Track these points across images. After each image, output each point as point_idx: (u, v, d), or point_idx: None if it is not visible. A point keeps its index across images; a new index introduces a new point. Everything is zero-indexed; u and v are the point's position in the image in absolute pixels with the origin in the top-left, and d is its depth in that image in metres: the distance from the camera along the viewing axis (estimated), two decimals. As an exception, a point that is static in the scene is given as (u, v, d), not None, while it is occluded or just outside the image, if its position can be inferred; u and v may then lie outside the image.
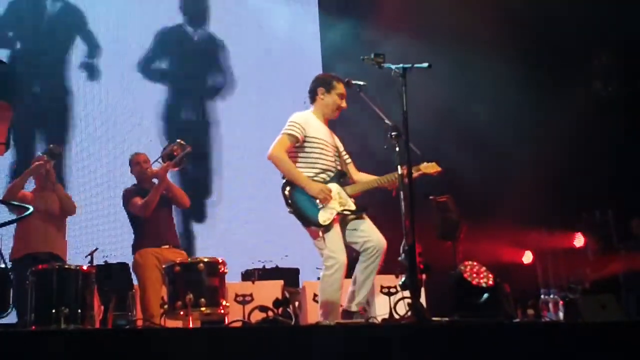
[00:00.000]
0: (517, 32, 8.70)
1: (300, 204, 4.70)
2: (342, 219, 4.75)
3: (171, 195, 5.95)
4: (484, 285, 5.20)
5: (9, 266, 5.55)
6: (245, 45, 9.32)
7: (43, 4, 8.35)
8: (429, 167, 4.88)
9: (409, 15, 8.83)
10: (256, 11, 9.34)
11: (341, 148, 5.04)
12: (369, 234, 4.70)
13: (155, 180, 5.85)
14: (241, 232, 8.51)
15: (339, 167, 4.87)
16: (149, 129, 8.53)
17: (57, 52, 8.31)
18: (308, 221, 4.70)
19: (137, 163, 6.00)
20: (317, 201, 4.67)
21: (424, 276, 4.10)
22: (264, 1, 9.36)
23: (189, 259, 5.28)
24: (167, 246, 5.75)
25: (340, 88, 4.89)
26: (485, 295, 5.08)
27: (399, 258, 3.94)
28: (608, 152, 8.56)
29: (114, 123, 8.40)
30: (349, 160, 5.04)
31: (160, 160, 5.83)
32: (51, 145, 6.00)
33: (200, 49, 9.19)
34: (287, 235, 8.07)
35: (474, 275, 5.26)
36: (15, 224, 5.94)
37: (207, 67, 9.21)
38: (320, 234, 4.66)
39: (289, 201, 4.74)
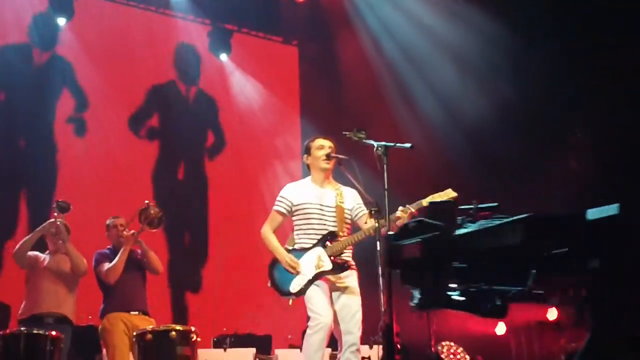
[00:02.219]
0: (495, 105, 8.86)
1: (276, 278, 4.87)
2: (334, 289, 4.76)
3: (145, 260, 5.87)
4: (460, 365, 5.17)
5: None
6: (233, 108, 9.38)
7: (31, 55, 8.27)
8: (439, 196, 4.81)
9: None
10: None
11: (354, 203, 4.98)
12: (349, 326, 4.70)
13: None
14: (213, 297, 8.40)
15: (331, 227, 4.85)
16: (138, 188, 8.42)
17: (44, 104, 8.20)
18: (282, 292, 4.84)
19: (114, 226, 5.94)
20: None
21: (399, 357, 4.03)
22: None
23: (161, 327, 5.19)
24: (135, 312, 5.66)
25: (316, 143, 4.96)
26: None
27: (376, 337, 3.89)
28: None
29: (100, 180, 8.24)
30: (361, 214, 4.97)
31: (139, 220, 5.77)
32: (59, 201, 5.87)
33: (192, 107, 9.19)
34: (260, 302, 8.05)
35: (451, 356, 5.23)
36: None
37: (198, 125, 9.19)
38: (304, 298, 4.72)
39: (269, 275, 4.91)
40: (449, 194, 4.82)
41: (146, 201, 5.84)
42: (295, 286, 4.75)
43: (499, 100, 8.60)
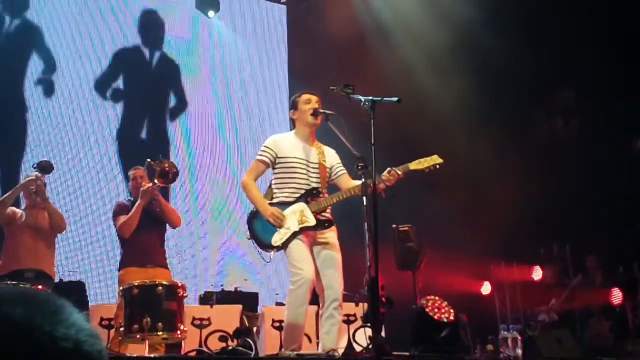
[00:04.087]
0: (477, 63, 8.85)
1: (257, 230, 4.80)
2: (315, 244, 4.75)
3: (162, 214, 5.85)
4: (445, 320, 5.21)
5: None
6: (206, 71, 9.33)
7: (2, 20, 8.26)
8: (426, 162, 4.80)
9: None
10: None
11: (334, 162, 4.98)
12: (331, 282, 4.70)
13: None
14: (199, 254, 8.43)
15: (314, 184, 4.84)
16: (103, 148, 8.43)
17: (13, 67, 8.21)
18: (263, 245, 4.79)
19: (133, 178, 5.91)
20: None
21: (385, 310, 4.07)
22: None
23: (147, 282, 5.18)
24: (152, 266, 5.64)
25: (303, 97, 4.90)
26: (446, 331, 5.09)
27: (361, 291, 3.91)
28: (568, 187, 8.72)
29: (67, 142, 8.28)
30: (341, 173, 4.97)
31: (148, 175, 5.72)
32: (42, 160, 5.83)
33: (156, 71, 9.17)
34: (247, 259, 8.10)
35: (436, 310, 5.26)
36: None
37: (162, 88, 9.20)
38: (285, 252, 4.70)
39: (248, 228, 4.86)
40: (435, 160, 4.82)
41: (160, 155, 5.80)
42: (277, 239, 4.70)
43: (485, 57, 8.59)
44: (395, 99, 4.40)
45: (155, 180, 5.61)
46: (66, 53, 8.48)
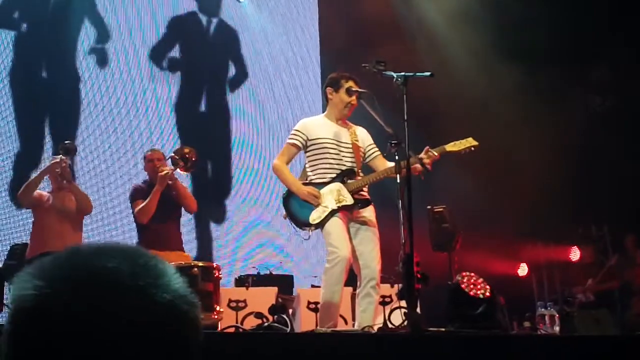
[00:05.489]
0: (516, 39, 8.72)
1: (293, 209, 4.85)
2: (353, 223, 4.76)
3: (178, 198, 5.87)
4: (480, 296, 5.17)
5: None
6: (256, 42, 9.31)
7: None
8: (462, 144, 4.81)
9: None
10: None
11: (367, 142, 5.00)
12: (368, 261, 4.70)
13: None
14: (237, 236, 8.47)
15: (349, 164, 4.84)
16: (160, 120, 8.41)
17: (65, 36, 8.14)
18: (300, 223, 4.84)
19: (150, 160, 5.91)
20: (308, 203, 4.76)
21: (420, 286, 4.05)
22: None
23: (183, 263, 5.23)
24: (169, 250, 5.66)
25: (348, 84, 4.89)
26: (482, 307, 5.05)
27: (397, 267, 3.90)
28: (606, 165, 8.57)
29: (123, 113, 8.25)
30: (375, 154, 4.99)
31: (171, 160, 5.75)
32: (66, 142, 5.88)
33: (214, 39, 9.08)
34: (283, 241, 8.12)
35: (471, 286, 5.23)
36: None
37: (221, 57, 9.09)
38: (322, 231, 4.74)
39: (284, 207, 4.91)
40: (470, 142, 4.82)
41: (182, 145, 5.83)
42: (315, 217, 4.73)
43: (519, 32, 8.47)
44: (427, 73, 4.38)
45: (177, 168, 5.63)
46: (120, 21, 8.42)
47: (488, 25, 8.65)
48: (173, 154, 5.73)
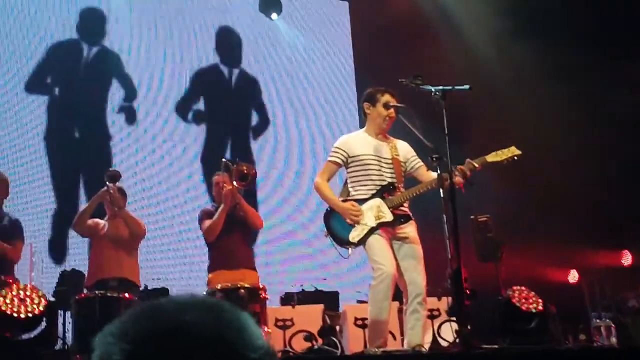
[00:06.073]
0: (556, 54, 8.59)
1: (333, 227, 4.85)
2: (395, 239, 4.72)
3: (244, 216, 5.93)
4: (533, 310, 5.06)
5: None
6: (280, 80, 9.37)
7: (80, 48, 8.42)
8: (503, 154, 4.74)
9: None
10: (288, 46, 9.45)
11: (409, 155, 4.96)
12: (413, 277, 4.65)
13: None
14: (279, 255, 8.49)
15: (389, 180, 4.81)
16: (189, 170, 8.54)
17: (95, 96, 8.35)
18: (340, 241, 4.82)
19: (216, 183, 6.03)
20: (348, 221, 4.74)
21: (469, 302, 3.98)
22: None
23: (230, 285, 5.24)
24: (239, 267, 5.73)
25: (385, 99, 4.87)
26: (535, 321, 4.94)
27: (445, 284, 3.84)
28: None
29: (152, 167, 8.40)
30: (417, 166, 4.95)
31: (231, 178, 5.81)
32: (110, 169, 6.01)
33: (236, 88, 9.21)
34: (326, 258, 8.08)
35: (523, 300, 5.12)
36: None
37: (243, 106, 9.22)
38: (364, 249, 4.70)
39: (325, 225, 4.91)
40: (513, 151, 4.74)
41: (236, 159, 5.89)
42: (354, 235, 4.71)
43: (556, 37, 8.34)
44: (466, 87, 4.33)
45: (235, 183, 5.69)
46: (144, 78, 8.61)
47: (531, 42, 8.54)
48: (232, 172, 5.78)
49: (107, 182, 5.88)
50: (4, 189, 5.88)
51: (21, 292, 4.85)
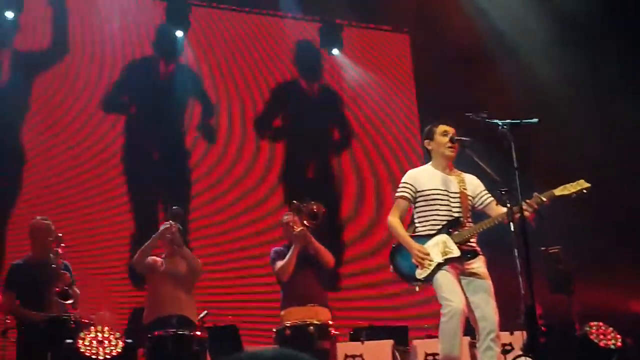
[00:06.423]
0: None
1: (399, 263, 4.79)
2: (463, 275, 4.68)
3: (316, 254, 5.98)
4: (612, 347, 4.91)
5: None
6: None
7: (156, 67, 8.61)
8: (572, 187, 4.66)
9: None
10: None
11: (478, 190, 4.90)
12: (483, 311, 4.57)
13: None
14: (346, 290, 8.48)
15: (456, 214, 4.76)
16: (269, 189, 8.63)
17: (172, 114, 8.49)
18: (407, 278, 4.77)
19: (285, 223, 6.10)
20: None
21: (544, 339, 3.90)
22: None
23: (299, 322, 5.26)
24: (312, 304, 5.74)
25: (440, 129, 4.87)
26: (614, 358, 4.79)
27: (519, 321, 3.77)
28: None
29: (233, 184, 8.49)
30: (488, 201, 4.88)
31: (301, 218, 5.87)
32: (174, 208, 6.11)
33: (317, 103, 9.29)
34: (394, 292, 8.03)
35: (601, 336, 4.98)
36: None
37: (324, 120, 9.27)
38: (432, 285, 4.65)
39: (390, 261, 4.86)
40: (581, 184, 4.64)
41: (306, 197, 5.95)
42: (421, 272, 4.65)
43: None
44: (535, 120, 4.27)
45: (306, 222, 5.75)
46: (222, 95, 8.75)
47: (595, 66, 8.40)
48: (303, 213, 5.84)
49: (170, 221, 5.98)
50: (49, 237, 5.82)
51: (99, 334, 4.96)
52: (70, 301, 5.48)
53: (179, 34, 8.76)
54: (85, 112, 8.16)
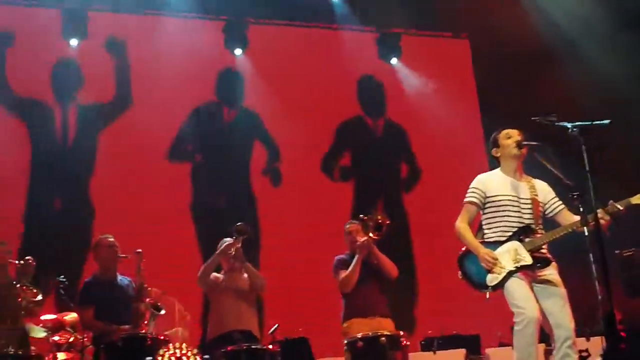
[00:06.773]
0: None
1: (468, 269, 4.74)
2: (536, 282, 4.59)
3: (379, 265, 5.98)
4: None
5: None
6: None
7: (220, 113, 8.72)
8: None
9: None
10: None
11: (549, 197, 4.82)
12: (558, 318, 4.49)
13: None
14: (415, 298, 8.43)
15: (527, 221, 4.68)
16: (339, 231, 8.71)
17: (239, 160, 8.58)
18: (477, 285, 4.71)
19: (348, 233, 6.12)
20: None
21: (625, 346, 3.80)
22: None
23: (370, 333, 5.25)
24: (375, 316, 5.75)
25: (503, 134, 4.82)
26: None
27: (598, 326, 3.68)
28: None
29: (301, 227, 8.47)
30: (559, 209, 4.80)
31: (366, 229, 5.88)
32: (239, 224, 6.15)
33: (383, 139, 9.28)
34: (465, 300, 7.93)
35: (690, 340, 4.79)
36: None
37: (391, 157, 9.25)
38: (504, 293, 4.57)
39: (459, 267, 4.80)
40: None
41: (372, 209, 5.98)
42: (491, 279, 4.59)
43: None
44: (606, 121, 4.17)
45: (371, 234, 5.75)
46: (286, 139, 8.76)
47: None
48: (367, 222, 5.86)
49: (235, 236, 6.03)
50: (113, 254, 5.99)
51: (177, 350, 5.02)
52: (162, 312, 5.66)
53: (238, 52, 8.89)
54: (151, 162, 8.29)
